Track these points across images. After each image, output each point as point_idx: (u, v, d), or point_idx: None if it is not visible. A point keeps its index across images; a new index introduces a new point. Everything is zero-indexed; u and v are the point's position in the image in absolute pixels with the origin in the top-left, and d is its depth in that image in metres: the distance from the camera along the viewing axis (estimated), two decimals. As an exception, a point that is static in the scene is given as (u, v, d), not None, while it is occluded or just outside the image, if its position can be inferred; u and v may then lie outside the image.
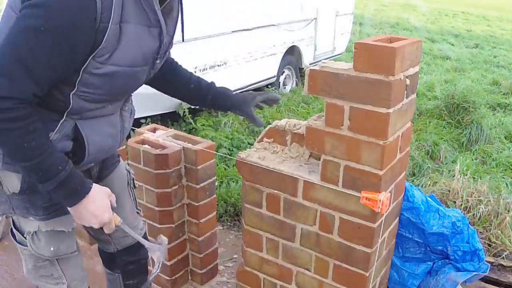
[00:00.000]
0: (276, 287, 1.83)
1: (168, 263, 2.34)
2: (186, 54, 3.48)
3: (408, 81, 1.43)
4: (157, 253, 1.54)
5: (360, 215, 1.50)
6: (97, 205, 1.31)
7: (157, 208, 2.23)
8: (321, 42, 6.88)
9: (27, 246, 1.45)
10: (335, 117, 1.45)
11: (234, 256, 2.77)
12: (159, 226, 2.27)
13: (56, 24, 1.10)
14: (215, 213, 2.41)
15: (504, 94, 7.03)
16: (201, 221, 2.32)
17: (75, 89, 1.24)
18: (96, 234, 1.75)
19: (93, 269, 2.50)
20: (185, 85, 1.69)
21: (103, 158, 1.53)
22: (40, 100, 1.20)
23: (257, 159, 1.70)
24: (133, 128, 2.03)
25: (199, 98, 1.71)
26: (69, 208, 1.30)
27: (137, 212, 1.80)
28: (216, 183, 2.97)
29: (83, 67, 1.20)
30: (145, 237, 1.81)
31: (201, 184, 2.24)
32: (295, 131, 1.71)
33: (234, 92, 1.74)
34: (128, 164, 2.01)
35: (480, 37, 14.21)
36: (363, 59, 1.35)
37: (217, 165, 3.72)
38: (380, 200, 1.42)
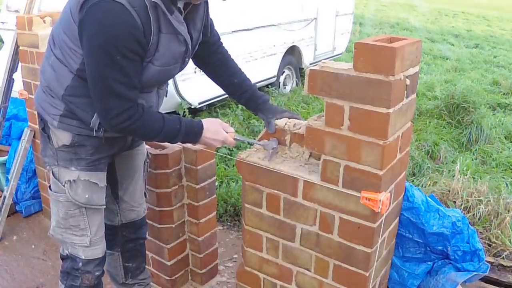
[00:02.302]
0: (276, 287, 1.83)
1: (168, 263, 2.34)
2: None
3: (408, 81, 1.43)
4: (271, 143, 1.71)
5: (360, 215, 1.50)
6: (212, 132, 1.68)
7: (157, 208, 2.24)
8: (321, 42, 6.88)
9: (64, 193, 1.70)
10: (335, 117, 1.45)
11: (234, 256, 2.77)
12: (159, 226, 2.27)
13: (113, 36, 1.43)
14: (215, 213, 2.41)
15: (504, 94, 7.03)
16: (201, 221, 2.31)
17: None
18: (107, 203, 1.88)
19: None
20: (228, 78, 1.91)
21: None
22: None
23: (257, 159, 1.70)
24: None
25: (236, 93, 1.91)
26: (198, 143, 1.70)
27: (145, 194, 2.05)
28: (216, 183, 2.97)
29: None
30: (145, 217, 2.09)
31: (201, 184, 2.24)
32: (295, 131, 1.71)
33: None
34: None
35: (480, 37, 14.21)
36: (363, 59, 1.35)
37: (217, 165, 3.72)
38: (380, 200, 1.42)
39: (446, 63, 9.43)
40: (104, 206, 1.79)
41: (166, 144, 2.22)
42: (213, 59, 1.91)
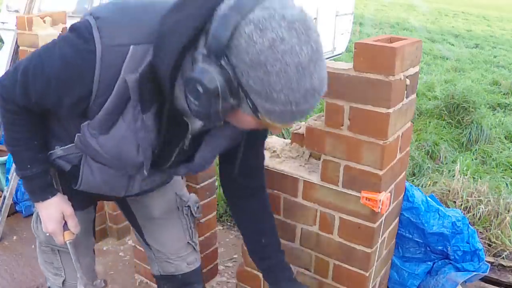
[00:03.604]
0: (276, 287, 1.83)
1: (168, 263, 2.34)
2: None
3: (408, 81, 1.43)
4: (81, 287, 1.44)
5: (360, 215, 1.50)
6: (48, 213, 1.33)
7: (157, 208, 2.23)
8: (321, 42, 6.87)
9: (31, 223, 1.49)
10: (335, 117, 1.45)
11: (234, 256, 2.77)
12: (159, 226, 2.27)
13: (55, 74, 1.08)
14: (215, 213, 2.41)
15: (504, 94, 7.02)
16: (201, 221, 2.31)
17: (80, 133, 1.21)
18: (142, 247, 1.70)
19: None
20: (256, 234, 1.48)
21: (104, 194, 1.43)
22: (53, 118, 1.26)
23: (257, 159, 1.70)
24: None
25: (257, 255, 1.50)
26: (38, 205, 1.35)
27: (190, 244, 1.64)
28: (216, 183, 2.97)
29: (82, 124, 1.15)
30: (196, 274, 1.68)
31: (201, 184, 2.24)
32: (295, 131, 1.71)
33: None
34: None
35: (480, 37, 14.20)
36: (363, 59, 1.35)
37: (217, 165, 3.71)
38: (380, 200, 1.42)
39: (446, 63, 9.43)
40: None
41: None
42: (245, 204, 1.45)
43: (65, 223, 1.36)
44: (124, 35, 1.01)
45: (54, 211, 1.33)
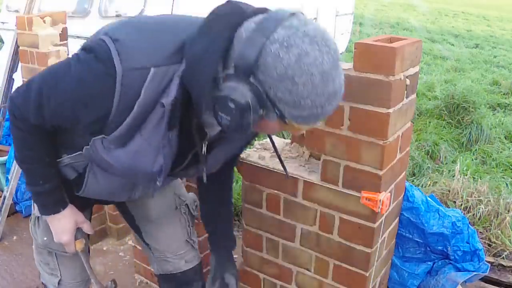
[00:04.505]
0: (276, 287, 1.83)
1: (168, 263, 2.34)
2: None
3: (408, 81, 1.43)
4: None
5: (360, 215, 1.50)
6: (60, 225, 1.37)
7: (157, 208, 2.23)
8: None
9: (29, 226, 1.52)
10: (335, 117, 1.45)
11: (234, 256, 2.77)
12: (159, 226, 2.27)
13: (71, 94, 1.11)
14: (215, 213, 2.41)
15: (504, 94, 7.02)
16: (201, 221, 2.31)
17: (89, 146, 1.22)
18: (141, 247, 1.74)
19: (93, 268, 2.50)
20: (213, 204, 1.59)
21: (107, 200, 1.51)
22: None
23: (257, 159, 1.70)
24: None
25: (208, 218, 1.62)
26: (44, 216, 1.38)
27: (188, 242, 1.68)
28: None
29: (93, 138, 1.17)
30: (195, 272, 1.72)
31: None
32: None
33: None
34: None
35: (480, 37, 14.20)
36: (363, 59, 1.35)
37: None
38: (380, 200, 1.42)
39: (446, 63, 9.43)
40: (68, 254, 1.48)
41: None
42: (212, 190, 1.54)
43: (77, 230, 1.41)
44: (144, 57, 1.03)
45: (67, 222, 1.37)
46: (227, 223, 1.62)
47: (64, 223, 1.37)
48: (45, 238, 1.48)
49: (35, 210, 1.49)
